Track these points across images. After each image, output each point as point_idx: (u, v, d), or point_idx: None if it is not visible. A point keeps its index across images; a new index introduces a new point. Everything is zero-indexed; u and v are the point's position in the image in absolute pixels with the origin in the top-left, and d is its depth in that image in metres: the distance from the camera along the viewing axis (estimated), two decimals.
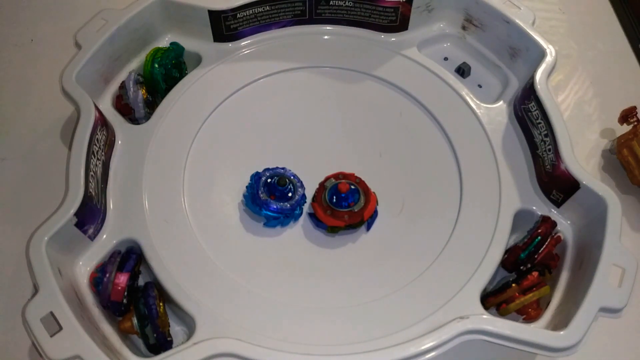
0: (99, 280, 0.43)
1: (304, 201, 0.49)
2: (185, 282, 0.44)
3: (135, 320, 0.42)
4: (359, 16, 0.59)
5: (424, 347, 0.40)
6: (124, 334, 0.43)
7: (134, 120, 0.54)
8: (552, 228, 0.47)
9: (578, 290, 0.43)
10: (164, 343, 0.42)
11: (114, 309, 0.43)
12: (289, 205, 0.48)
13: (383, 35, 0.60)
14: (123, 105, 0.53)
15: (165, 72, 0.55)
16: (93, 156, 0.47)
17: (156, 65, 0.54)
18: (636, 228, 0.53)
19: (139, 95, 0.53)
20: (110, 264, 0.44)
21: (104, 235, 0.47)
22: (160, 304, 0.43)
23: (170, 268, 0.45)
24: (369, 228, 0.49)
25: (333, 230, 0.48)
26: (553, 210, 0.49)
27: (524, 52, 0.55)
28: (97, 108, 0.49)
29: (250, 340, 0.41)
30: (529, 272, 0.45)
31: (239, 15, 0.56)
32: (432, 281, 0.46)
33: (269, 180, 0.49)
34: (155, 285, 0.44)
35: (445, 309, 0.44)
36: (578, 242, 0.47)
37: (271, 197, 0.48)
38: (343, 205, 0.47)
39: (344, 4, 0.58)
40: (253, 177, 0.49)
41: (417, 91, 0.56)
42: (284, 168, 0.50)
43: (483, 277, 0.45)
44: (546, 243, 0.46)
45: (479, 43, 0.59)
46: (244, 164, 0.51)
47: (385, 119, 0.55)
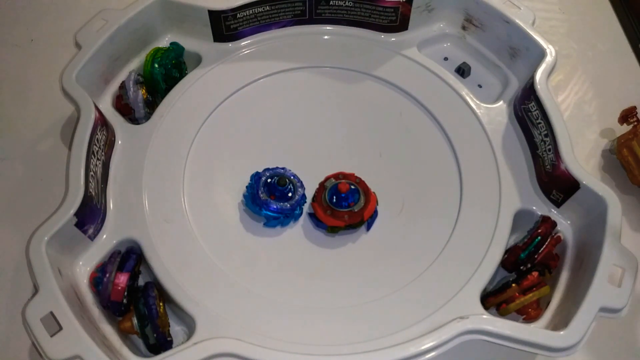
0: (99, 280, 0.43)
1: (304, 201, 0.49)
2: (185, 282, 0.44)
3: (135, 320, 0.42)
4: (359, 16, 0.59)
5: (424, 347, 0.40)
6: (124, 334, 0.43)
7: (134, 120, 0.54)
8: (552, 228, 0.47)
9: (578, 290, 0.43)
10: (164, 343, 0.42)
11: (114, 309, 0.43)
12: (289, 205, 0.48)
13: (383, 35, 0.59)
14: (123, 105, 0.53)
15: (165, 72, 0.55)
16: (93, 156, 0.47)
17: (156, 65, 0.54)
18: (636, 228, 0.53)
19: (139, 95, 0.53)
20: (110, 264, 0.44)
21: (104, 235, 0.47)
22: (160, 304, 0.43)
23: (170, 268, 0.45)
24: (369, 228, 0.49)
25: (333, 230, 0.48)
26: (553, 210, 0.49)
27: (524, 52, 0.55)
28: (97, 108, 0.49)
29: (251, 340, 0.41)
30: (529, 272, 0.45)
31: (239, 15, 0.56)
32: (432, 281, 0.46)
33: (269, 180, 0.49)
34: (155, 285, 0.44)
35: (445, 309, 0.44)
36: (578, 242, 0.47)
37: (271, 197, 0.48)
38: (343, 205, 0.47)
39: (344, 4, 0.58)
40: (253, 177, 0.49)
41: (417, 91, 0.56)
42: (284, 168, 0.50)
43: (483, 277, 0.45)
44: (546, 243, 0.46)
45: (479, 43, 0.59)
46: (244, 164, 0.51)
47: (385, 119, 0.55)
